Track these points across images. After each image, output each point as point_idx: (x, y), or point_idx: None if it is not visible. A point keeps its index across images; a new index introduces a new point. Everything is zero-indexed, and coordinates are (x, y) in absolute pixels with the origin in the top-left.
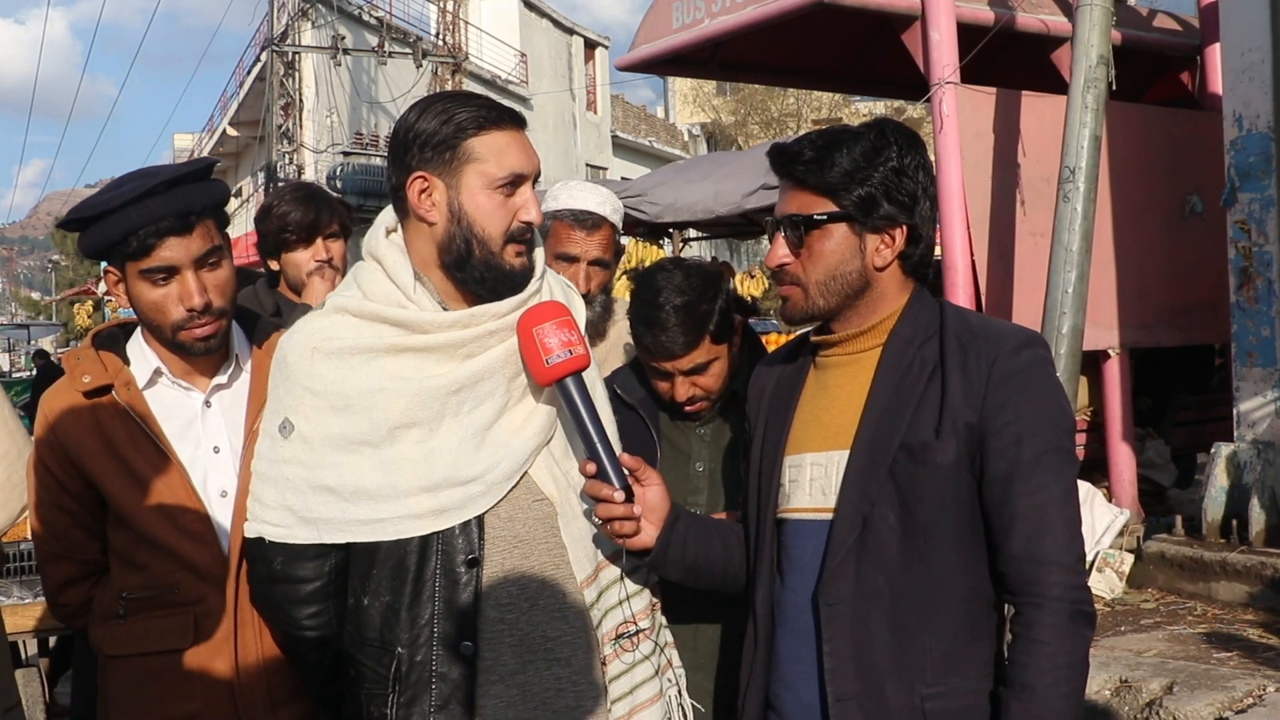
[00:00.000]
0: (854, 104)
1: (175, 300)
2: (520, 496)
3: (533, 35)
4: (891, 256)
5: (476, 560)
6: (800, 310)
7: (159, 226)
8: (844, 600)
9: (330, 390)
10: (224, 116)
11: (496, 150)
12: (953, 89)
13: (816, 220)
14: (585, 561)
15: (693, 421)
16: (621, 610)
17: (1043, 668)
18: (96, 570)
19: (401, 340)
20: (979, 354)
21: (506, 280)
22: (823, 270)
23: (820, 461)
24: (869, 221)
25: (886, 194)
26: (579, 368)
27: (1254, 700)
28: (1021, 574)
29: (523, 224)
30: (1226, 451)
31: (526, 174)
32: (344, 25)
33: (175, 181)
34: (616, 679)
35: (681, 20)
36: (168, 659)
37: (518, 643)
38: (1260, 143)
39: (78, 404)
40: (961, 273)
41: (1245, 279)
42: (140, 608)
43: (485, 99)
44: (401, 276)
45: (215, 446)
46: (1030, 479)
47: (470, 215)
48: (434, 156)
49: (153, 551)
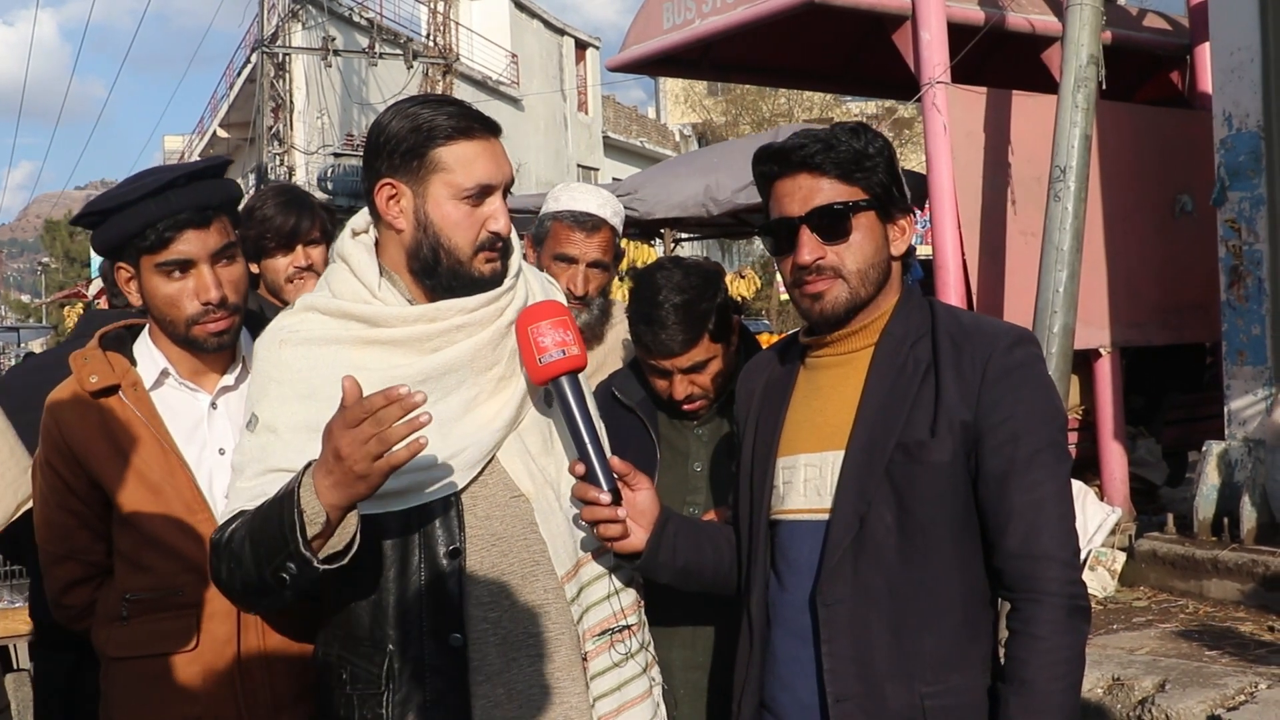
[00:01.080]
0: (845, 104)
1: (191, 294)
2: (497, 493)
3: (523, 36)
4: (905, 245)
5: (459, 551)
6: (846, 303)
7: (177, 219)
8: (842, 600)
9: (295, 378)
10: (214, 118)
11: (464, 160)
12: (943, 89)
13: (859, 206)
14: (565, 557)
15: (691, 421)
16: (609, 605)
17: (1041, 663)
18: (101, 572)
19: (367, 334)
20: (973, 352)
21: (476, 286)
22: (862, 258)
23: (815, 462)
24: (889, 210)
25: (894, 182)
26: (573, 368)
27: (1246, 698)
28: (1019, 570)
29: (491, 234)
30: (1218, 450)
31: (495, 185)
32: (334, 26)
33: (195, 176)
34: (603, 675)
35: (672, 21)
36: (171, 661)
37: (501, 641)
38: (1250, 142)
39: (85, 404)
40: (953, 272)
41: (1236, 278)
42: (144, 609)
43: (459, 106)
44: (367, 275)
45: (220, 448)
46: (1026, 476)
47: (437, 225)
48: (401, 164)
49: (158, 553)
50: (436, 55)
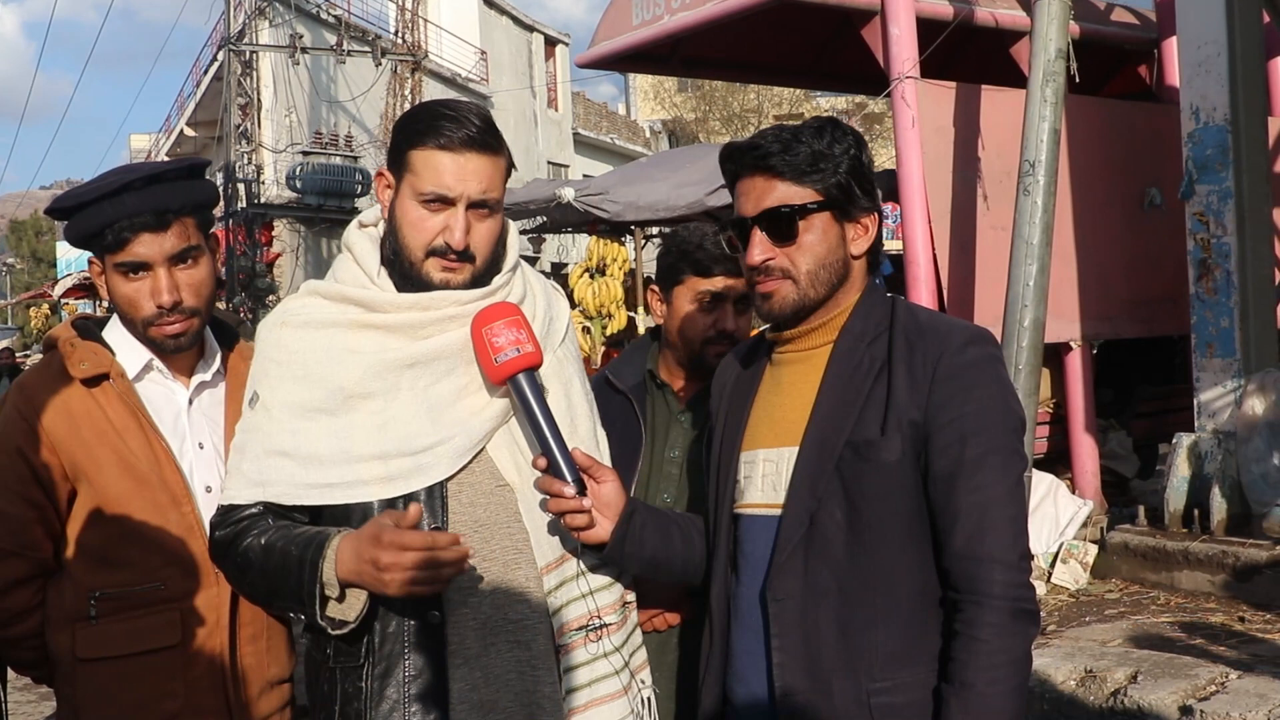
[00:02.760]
0: (815, 99)
1: (147, 295)
2: (483, 481)
3: (492, 33)
4: (867, 245)
5: (440, 531)
6: (793, 303)
7: (133, 222)
8: (791, 596)
9: (292, 360)
10: (181, 116)
11: (429, 167)
12: (913, 84)
13: (807, 209)
14: (547, 548)
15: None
16: (585, 603)
17: (980, 665)
18: (45, 574)
19: (363, 317)
20: (925, 351)
21: (429, 290)
22: (813, 260)
23: (772, 458)
24: (848, 209)
25: (856, 182)
26: (528, 365)
27: (1217, 688)
28: (963, 571)
29: (444, 244)
30: (1188, 442)
31: (451, 196)
32: (302, 24)
33: (154, 179)
34: (577, 669)
35: (641, 17)
36: (154, 658)
37: (480, 625)
38: (1217, 135)
39: (71, 391)
40: (923, 267)
41: (1204, 270)
42: (116, 608)
43: (463, 121)
44: (368, 262)
45: (200, 442)
46: (973, 477)
47: (398, 222)
48: (392, 159)
49: (140, 547)
50: (405, 52)
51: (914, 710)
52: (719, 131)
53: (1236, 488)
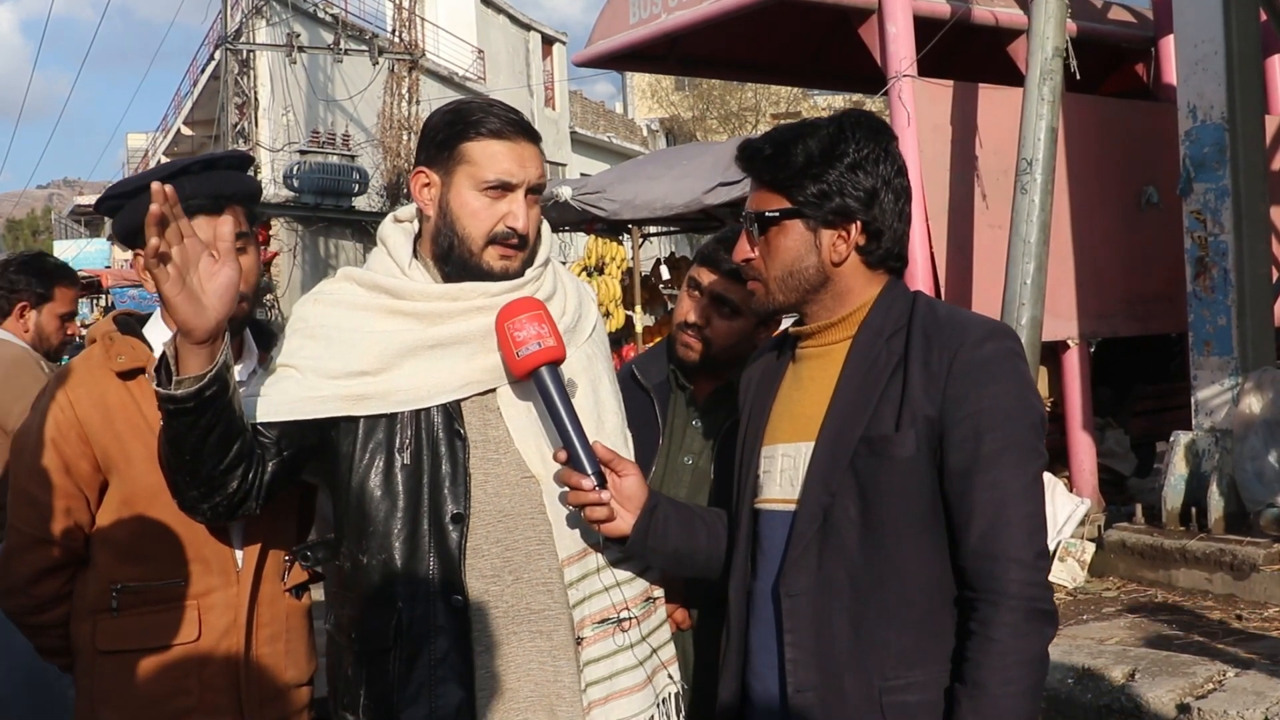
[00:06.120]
0: (813, 98)
1: None
2: (509, 473)
3: (489, 31)
4: (847, 252)
5: (462, 516)
6: (762, 305)
7: (190, 205)
8: (804, 592)
9: (314, 325)
10: (178, 115)
11: (488, 155)
12: (910, 82)
13: (770, 217)
14: (570, 541)
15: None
16: (610, 595)
17: (994, 665)
18: (76, 562)
19: (391, 304)
20: (942, 347)
21: (486, 279)
22: (779, 266)
23: (790, 453)
24: (822, 217)
25: (841, 190)
26: (551, 359)
27: (1214, 686)
28: (978, 569)
29: (507, 229)
30: (1185, 440)
31: (515, 182)
32: (299, 22)
33: (210, 164)
34: (596, 662)
35: (638, 15)
36: (170, 653)
37: (503, 614)
38: (1214, 133)
39: (108, 383)
40: (921, 265)
41: (1201, 269)
42: (137, 601)
43: (503, 109)
44: (400, 253)
45: None
46: (989, 473)
47: (455, 213)
48: (435, 155)
49: (164, 542)
50: (402, 51)
51: (926, 710)
52: (716, 130)
53: (1234, 486)
